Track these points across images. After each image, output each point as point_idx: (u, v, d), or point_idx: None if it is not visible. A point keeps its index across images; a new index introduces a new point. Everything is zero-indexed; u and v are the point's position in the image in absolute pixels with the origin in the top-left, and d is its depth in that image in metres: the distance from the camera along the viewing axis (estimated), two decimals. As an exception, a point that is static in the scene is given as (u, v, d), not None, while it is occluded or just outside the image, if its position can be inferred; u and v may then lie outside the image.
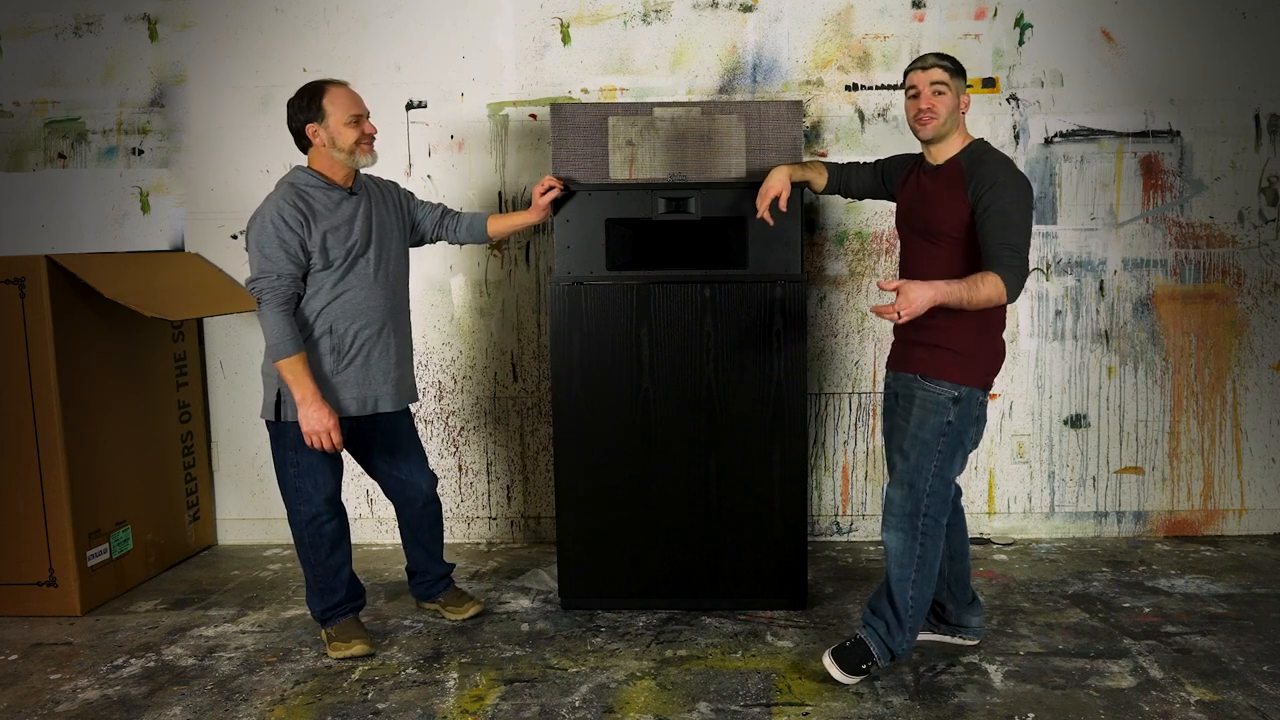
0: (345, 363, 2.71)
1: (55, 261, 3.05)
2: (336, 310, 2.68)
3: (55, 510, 3.11)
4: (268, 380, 2.70)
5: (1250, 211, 3.65)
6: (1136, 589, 3.22)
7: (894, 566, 2.56)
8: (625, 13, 3.63)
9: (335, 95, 2.67)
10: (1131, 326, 3.70)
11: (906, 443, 2.54)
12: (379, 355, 2.76)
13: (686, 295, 2.99)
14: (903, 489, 2.54)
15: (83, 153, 3.80)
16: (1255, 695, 2.48)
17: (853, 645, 2.59)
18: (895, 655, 2.58)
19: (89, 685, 2.67)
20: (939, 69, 2.49)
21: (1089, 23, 3.60)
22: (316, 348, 2.68)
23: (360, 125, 2.68)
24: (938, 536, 2.55)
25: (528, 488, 3.83)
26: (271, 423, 2.72)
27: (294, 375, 2.59)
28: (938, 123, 2.49)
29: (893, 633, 2.56)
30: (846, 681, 2.56)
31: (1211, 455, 3.74)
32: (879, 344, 3.70)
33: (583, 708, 2.48)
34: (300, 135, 2.70)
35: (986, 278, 2.33)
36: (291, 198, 2.63)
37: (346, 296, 2.69)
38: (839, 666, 2.56)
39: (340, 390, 2.71)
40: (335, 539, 2.79)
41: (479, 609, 3.10)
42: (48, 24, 3.74)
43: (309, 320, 2.67)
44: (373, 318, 2.74)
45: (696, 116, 3.03)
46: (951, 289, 2.31)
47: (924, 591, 2.56)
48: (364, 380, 2.74)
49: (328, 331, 2.68)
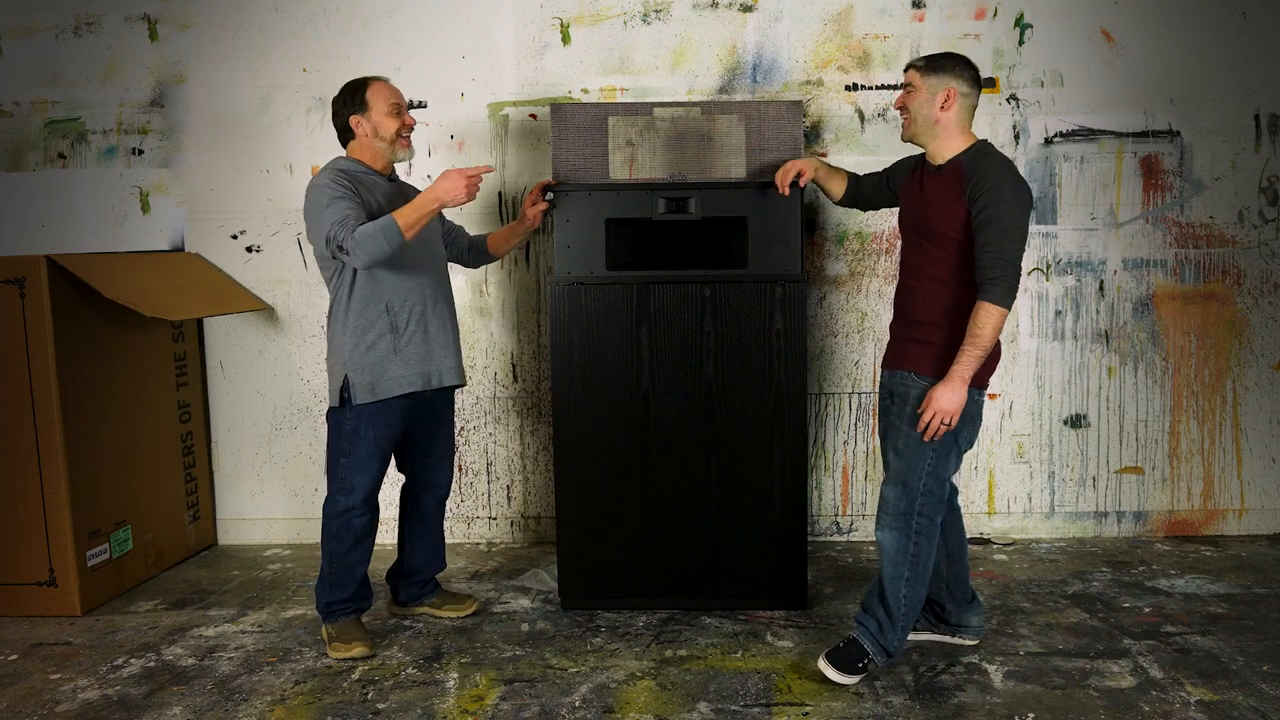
0: (406, 340, 2.79)
1: (55, 261, 3.05)
2: (390, 289, 2.77)
3: (55, 510, 3.11)
4: (334, 370, 2.78)
5: (1250, 211, 3.65)
6: (1136, 589, 3.22)
7: (887, 565, 2.57)
8: (625, 13, 3.64)
9: (377, 88, 2.80)
10: (1131, 326, 3.70)
11: (900, 441, 2.55)
12: (435, 330, 2.86)
13: (686, 295, 2.99)
14: (896, 487, 2.55)
15: (83, 153, 3.80)
16: (1255, 695, 2.48)
17: (846, 645, 2.60)
18: (890, 653, 2.58)
19: (89, 685, 2.67)
20: (911, 70, 2.56)
21: (1089, 23, 3.60)
22: (375, 325, 2.75)
23: (401, 115, 2.81)
24: (932, 535, 2.55)
25: (528, 488, 3.83)
26: (335, 409, 2.78)
27: (409, 209, 2.61)
28: (911, 123, 2.56)
29: (885, 631, 2.57)
30: (844, 682, 2.56)
31: (1211, 455, 3.74)
32: (879, 344, 3.70)
33: (583, 708, 2.49)
34: (345, 129, 2.83)
35: (978, 316, 2.39)
36: (337, 175, 2.73)
37: (400, 276, 2.77)
38: (834, 668, 2.57)
39: (404, 367, 2.79)
40: (360, 536, 2.83)
41: (478, 605, 3.11)
42: (48, 24, 3.74)
43: (367, 301, 2.75)
44: (426, 295, 2.83)
45: (696, 116, 3.03)
46: (965, 362, 2.40)
47: (917, 590, 2.56)
48: (425, 355, 2.83)
49: (385, 310, 2.76)
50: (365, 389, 2.74)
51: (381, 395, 2.75)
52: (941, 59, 2.54)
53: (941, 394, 2.41)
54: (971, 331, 2.40)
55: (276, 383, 3.82)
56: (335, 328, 2.78)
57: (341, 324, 2.76)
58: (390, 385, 2.76)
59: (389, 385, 2.76)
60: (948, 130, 2.52)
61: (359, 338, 2.74)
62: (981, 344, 2.39)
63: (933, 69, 2.51)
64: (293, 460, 3.85)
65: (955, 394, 2.40)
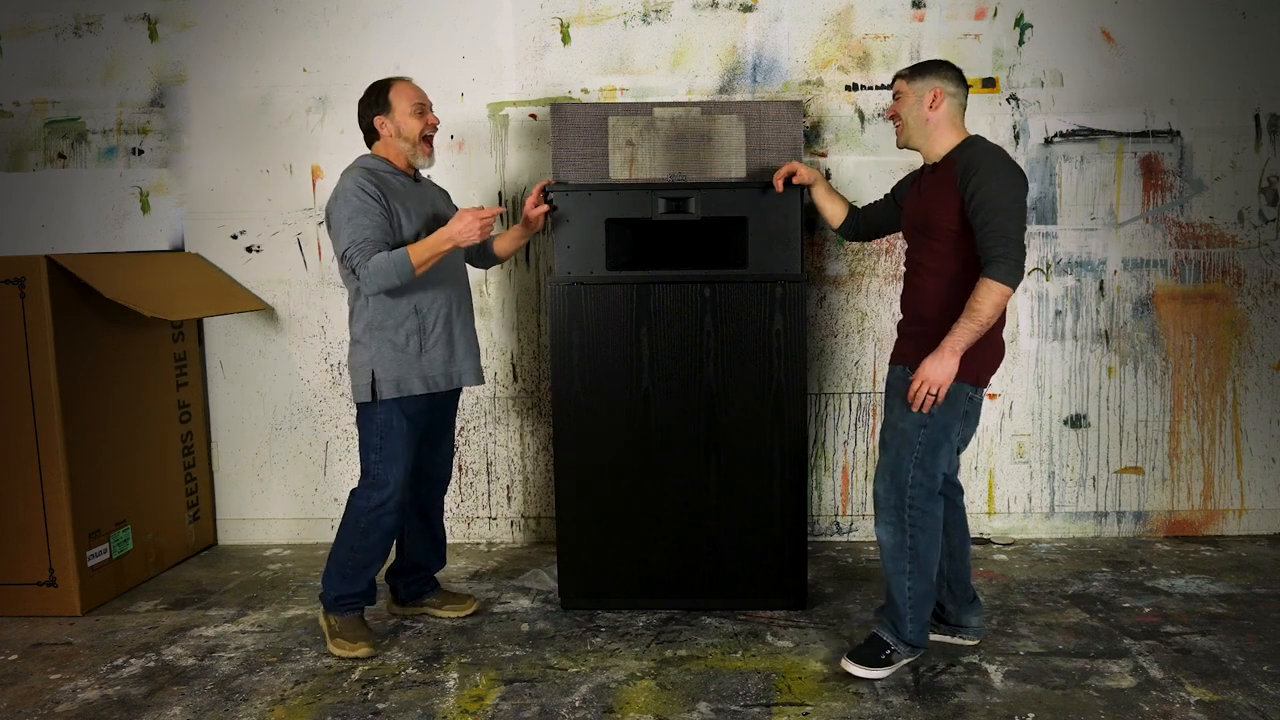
0: (432, 341, 2.83)
1: (55, 261, 3.05)
2: (419, 293, 2.80)
3: (55, 510, 3.11)
4: (358, 368, 2.80)
5: (1250, 211, 3.65)
6: (1136, 589, 3.22)
7: (887, 562, 2.60)
8: (625, 13, 3.63)
9: (400, 88, 2.83)
10: (1131, 326, 3.70)
11: (887, 433, 2.58)
12: (459, 331, 2.90)
13: (686, 295, 2.99)
14: (884, 481, 2.58)
15: (83, 153, 3.80)
16: (1255, 695, 2.48)
17: (867, 642, 2.63)
18: (914, 646, 2.60)
19: (89, 685, 2.67)
20: (897, 80, 2.63)
21: (1089, 23, 3.60)
22: (404, 326, 2.78)
23: (424, 115, 2.84)
24: (927, 526, 2.55)
25: (528, 488, 3.83)
26: (364, 405, 2.81)
27: (423, 247, 2.66)
28: (904, 128, 2.61)
29: (899, 625, 2.59)
30: (872, 676, 2.57)
31: (1211, 455, 3.74)
32: (879, 344, 3.70)
33: (583, 708, 2.49)
34: (370, 130, 2.85)
35: (979, 290, 2.39)
36: (365, 175, 2.75)
37: (426, 278, 2.79)
38: (858, 664, 2.58)
39: (430, 367, 2.82)
40: (387, 534, 2.85)
41: (478, 605, 3.12)
42: (48, 24, 3.74)
43: (397, 302, 2.77)
44: (451, 296, 2.87)
45: (696, 116, 3.03)
46: (958, 334, 2.40)
47: (921, 582, 2.57)
48: (449, 357, 2.87)
49: (413, 311, 2.80)
50: (390, 385, 2.77)
51: (405, 393, 2.78)
52: (924, 64, 2.62)
53: (930, 364, 2.42)
54: (970, 305, 2.40)
55: (276, 383, 3.82)
56: (359, 325, 2.80)
57: (368, 322, 2.78)
58: (415, 384, 2.80)
59: (413, 384, 2.79)
60: (939, 129, 2.57)
61: (388, 336, 2.77)
62: (979, 319, 2.39)
63: (917, 74, 2.59)
64: (293, 460, 3.85)
65: (943, 365, 2.40)
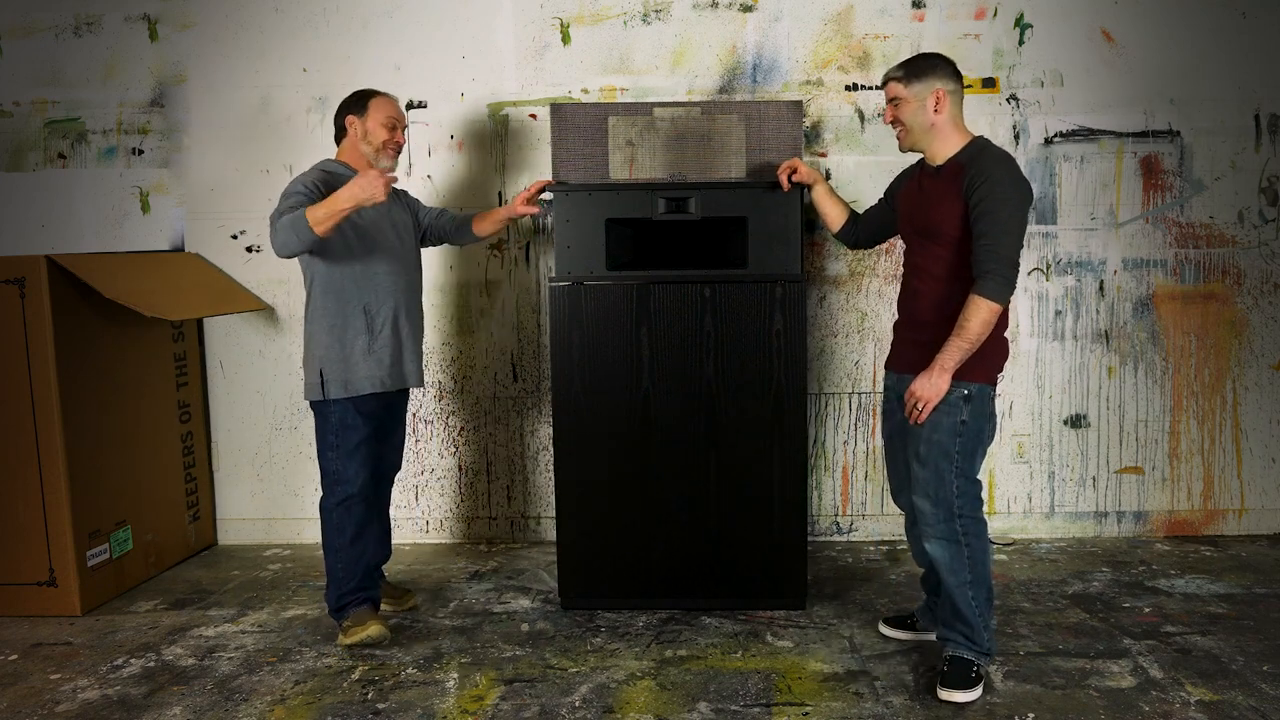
0: (380, 342, 2.85)
1: (55, 261, 3.05)
2: (369, 290, 2.83)
3: (55, 510, 3.11)
4: (309, 363, 2.84)
5: (1250, 211, 3.65)
6: (1136, 589, 3.22)
7: (947, 575, 2.51)
8: (625, 13, 3.63)
9: (380, 100, 2.89)
10: (1131, 326, 3.70)
11: (923, 448, 2.50)
12: (407, 333, 2.93)
13: (686, 295, 2.99)
14: (928, 501, 2.50)
15: (83, 153, 3.80)
16: (1255, 695, 2.48)
17: (951, 667, 2.51)
18: (989, 653, 2.55)
19: (89, 685, 2.67)
20: (891, 83, 2.55)
21: (1089, 23, 3.60)
22: (352, 324, 2.82)
23: (394, 132, 2.89)
24: (979, 531, 2.52)
25: (528, 488, 3.83)
26: (316, 403, 2.84)
27: (321, 206, 2.61)
28: (907, 134, 2.56)
29: (974, 637, 2.52)
30: (972, 699, 2.46)
31: (1211, 455, 3.74)
32: (879, 344, 3.70)
33: (583, 708, 2.48)
34: (340, 128, 2.91)
35: (967, 309, 2.39)
36: (317, 174, 2.80)
37: (377, 279, 2.85)
38: (955, 689, 2.46)
39: (376, 366, 2.85)
40: (361, 524, 2.86)
41: (415, 602, 3.18)
42: (48, 24, 3.74)
43: (344, 300, 2.81)
44: (400, 299, 2.90)
45: (696, 116, 3.03)
46: (950, 351, 2.40)
47: (983, 590, 2.51)
48: (397, 357, 2.90)
49: (362, 311, 2.83)
50: (338, 385, 2.81)
51: (353, 392, 2.82)
52: (917, 63, 2.53)
53: (920, 382, 2.42)
54: (960, 323, 2.39)
55: (276, 383, 3.82)
56: (312, 325, 2.84)
57: (319, 320, 2.82)
58: (362, 383, 2.83)
59: (361, 383, 2.83)
60: (944, 131, 2.52)
61: (336, 335, 2.81)
62: (968, 337, 2.38)
63: (914, 75, 2.50)
64: (293, 460, 3.85)
65: (934, 383, 2.40)
